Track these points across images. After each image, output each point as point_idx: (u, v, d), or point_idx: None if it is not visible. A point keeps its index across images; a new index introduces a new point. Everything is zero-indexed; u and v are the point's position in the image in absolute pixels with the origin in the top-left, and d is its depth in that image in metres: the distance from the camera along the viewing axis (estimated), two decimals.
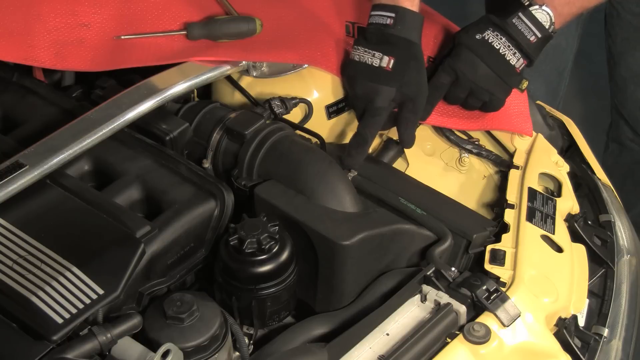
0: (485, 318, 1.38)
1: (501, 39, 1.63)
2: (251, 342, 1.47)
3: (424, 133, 1.77)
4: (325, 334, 1.43)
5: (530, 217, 1.55)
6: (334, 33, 1.79)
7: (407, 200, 1.54)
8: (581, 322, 1.51)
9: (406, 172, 1.70)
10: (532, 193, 1.61)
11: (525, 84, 1.68)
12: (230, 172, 1.58)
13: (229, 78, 1.73)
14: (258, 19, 1.73)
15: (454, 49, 1.66)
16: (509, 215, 1.56)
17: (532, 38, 1.64)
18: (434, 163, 1.75)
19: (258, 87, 1.76)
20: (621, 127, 2.60)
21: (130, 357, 1.26)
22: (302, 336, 1.42)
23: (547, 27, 1.65)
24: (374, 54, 1.62)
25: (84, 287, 1.29)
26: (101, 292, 1.29)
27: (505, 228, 1.54)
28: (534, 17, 1.64)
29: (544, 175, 1.70)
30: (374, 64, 1.61)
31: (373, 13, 1.65)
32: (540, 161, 1.70)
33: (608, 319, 1.54)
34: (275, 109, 1.66)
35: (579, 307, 1.51)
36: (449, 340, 1.35)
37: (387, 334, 1.36)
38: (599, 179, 1.79)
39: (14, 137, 1.54)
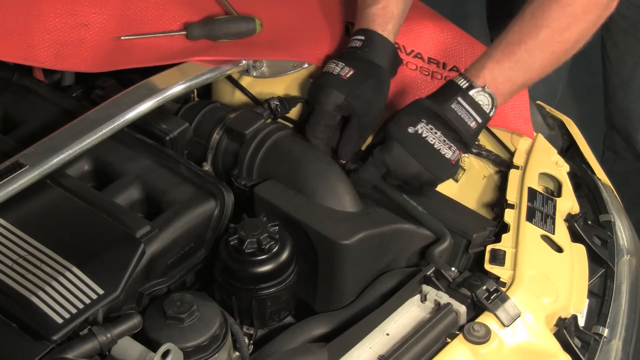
0: (485, 318, 1.38)
1: (436, 132, 1.49)
2: (251, 342, 1.47)
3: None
4: (325, 334, 1.43)
5: (530, 217, 1.55)
6: (334, 33, 1.79)
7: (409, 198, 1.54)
8: (581, 322, 1.51)
9: None
10: (532, 193, 1.61)
11: (461, 174, 1.64)
12: (230, 172, 1.58)
13: (229, 78, 1.73)
14: (258, 19, 1.74)
15: (385, 142, 1.52)
16: (509, 215, 1.56)
17: (473, 124, 1.51)
18: None
19: (258, 87, 1.76)
20: (615, 136, 2.58)
21: (130, 357, 1.26)
22: (302, 336, 1.42)
23: (487, 110, 1.52)
24: (338, 63, 1.62)
25: (84, 287, 1.29)
26: (101, 292, 1.29)
27: (505, 228, 1.54)
28: (474, 102, 1.51)
29: (544, 175, 1.70)
30: (334, 72, 1.61)
31: (352, 37, 1.67)
32: (540, 161, 1.70)
33: (608, 319, 1.54)
34: (274, 109, 1.67)
35: (579, 307, 1.51)
36: (449, 340, 1.35)
37: (387, 334, 1.36)
38: (599, 179, 1.79)
39: (14, 137, 1.54)
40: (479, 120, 1.52)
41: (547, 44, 1.53)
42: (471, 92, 1.52)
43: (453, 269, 1.43)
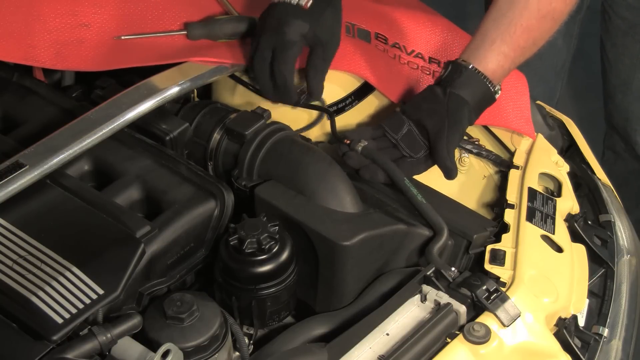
0: (485, 318, 1.38)
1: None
2: (251, 342, 1.47)
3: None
4: (325, 334, 1.43)
5: (530, 217, 1.55)
6: None
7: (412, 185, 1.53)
8: (581, 322, 1.51)
9: None
10: (532, 193, 1.61)
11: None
12: (231, 173, 1.58)
13: (233, 76, 1.73)
14: (258, 19, 1.73)
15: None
16: (509, 215, 1.56)
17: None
18: None
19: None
20: (614, 137, 2.58)
21: (130, 357, 1.26)
22: (302, 336, 1.42)
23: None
24: None
25: (84, 287, 1.29)
26: (101, 292, 1.29)
27: (505, 228, 1.54)
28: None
29: (544, 175, 1.70)
30: (292, 2, 1.59)
31: None
32: (540, 161, 1.70)
33: (608, 319, 1.54)
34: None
35: (579, 307, 1.51)
36: (449, 340, 1.35)
37: (387, 334, 1.36)
38: (599, 179, 1.79)
39: (14, 137, 1.54)
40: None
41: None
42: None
43: (453, 268, 1.43)
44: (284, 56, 1.58)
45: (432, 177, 1.67)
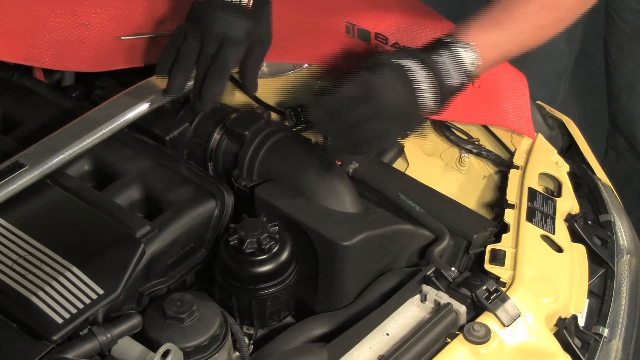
0: (485, 318, 1.38)
1: (418, 73, 1.43)
2: (251, 342, 1.47)
3: (424, 133, 1.77)
4: (325, 334, 1.43)
5: (530, 217, 1.55)
6: (334, 33, 1.79)
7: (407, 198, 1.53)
8: (581, 322, 1.51)
9: (406, 172, 1.70)
10: (532, 193, 1.61)
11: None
12: (231, 173, 1.58)
13: (232, 79, 1.73)
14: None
15: (372, 65, 1.44)
16: (509, 215, 1.56)
17: (451, 81, 1.44)
18: (434, 163, 1.75)
19: (258, 86, 1.75)
20: (617, 137, 2.58)
21: (130, 357, 1.27)
22: (302, 336, 1.42)
23: (469, 69, 1.46)
24: None
25: (84, 287, 1.29)
26: (101, 292, 1.29)
27: (505, 228, 1.54)
28: (457, 58, 1.45)
29: (544, 175, 1.69)
30: (234, 2, 1.57)
31: None
32: (540, 161, 1.70)
33: (608, 319, 1.54)
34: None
35: (579, 307, 1.51)
36: (449, 340, 1.35)
37: (387, 334, 1.36)
38: (599, 179, 1.79)
39: (14, 137, 1.54)
40: (458, 80, 1.45)
41: (535, 16, 1.51)
42: (456, 48, 1.46)
43: (453, 269, 1.43)
44: (233, 51, 1.54)
45: (432, 177, 1.67)
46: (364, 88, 1.42)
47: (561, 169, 1.72)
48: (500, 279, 1.44)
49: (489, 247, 1.50)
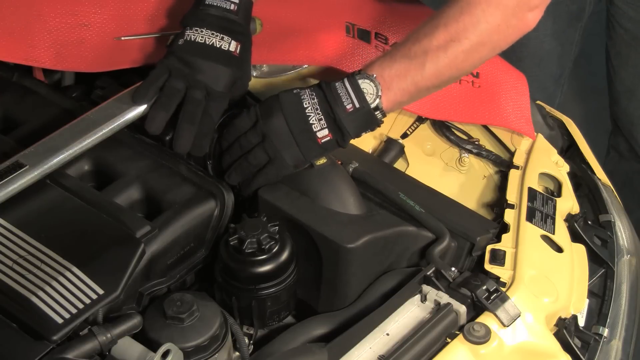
0: (485, 318, 1.38)
1: (314, 99, 1.48)
2: (251, 342, 1.47)
3: (424, 133, 1.77)
4: (325, 334, 1.43)
5: (530, 217, 1.55)
6: (334, 33, 1.79)
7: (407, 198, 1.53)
8: (581, 322, 1.51)
9: (406, 172, 1.70)
10: (532, 193, 1.61)
11: (322, 161, 1.53)
12: None
13: None
14: (258, 19, 1.73)
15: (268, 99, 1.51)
16: (509, 215, 1.56)
17: (349, 106, 1.47)
18: (434, 163, 1.75)
19: (258, 86, 1.76)
20: (619, 138, 2.59)
21: (130, 357, 1.27)
22: (302, 336, 1.42)
23: (370, 99, 1.47)
24: (223, 37, 1.55)
25: (84, 287, 1.29)
26: (101, 292, 1.29)
27: (505, 228, 1.54)
28: (358, 87, 1.48)
29: (544, 175, 1.70)
30: (222, 47, 1.55)
31: None
32: (540, 161, 1.70)
33: (608, 319, 1.54)
34: None
35: (579, 307, 1.51)
36: (449, 340, 1.35)
37: (387, 334, 1.36)
38: (599, 179, 1.79)
39: (14, 137, 1.54)
40: (357, 105, 1.47)
41: (443, 48, 1.49)
42: (356, 77, 1.49)
43: (453, 269, 1.43)
44: (219, 107, 1.53)
45: (432, 177, 1.67)
46: (253, 117, 1.50)
47: (561, 169, 1.72)
48: (500, 279, 1.44)
49: (489, 247, 1.50)
